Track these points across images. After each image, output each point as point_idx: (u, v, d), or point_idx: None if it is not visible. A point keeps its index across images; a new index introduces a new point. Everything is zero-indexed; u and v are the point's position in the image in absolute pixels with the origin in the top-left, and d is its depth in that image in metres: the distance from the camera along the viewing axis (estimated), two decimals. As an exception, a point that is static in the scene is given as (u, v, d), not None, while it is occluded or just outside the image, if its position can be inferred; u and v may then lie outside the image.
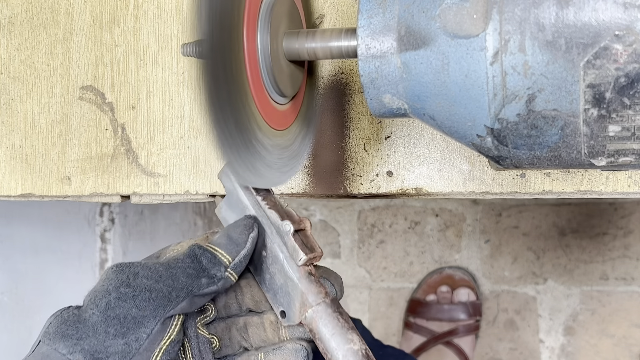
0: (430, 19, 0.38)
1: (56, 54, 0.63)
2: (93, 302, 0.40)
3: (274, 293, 0.45)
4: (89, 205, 1.24)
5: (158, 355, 0.40)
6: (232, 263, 0.42)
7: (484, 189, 0.54)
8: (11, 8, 0.64)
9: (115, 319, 0.39)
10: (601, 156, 0.39)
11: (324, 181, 0.57)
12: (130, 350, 0.39)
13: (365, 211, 1.39)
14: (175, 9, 0.60)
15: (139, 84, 0.61)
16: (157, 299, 0.40)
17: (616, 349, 1.29)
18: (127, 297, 0.40)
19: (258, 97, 0.42)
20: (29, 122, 0.63)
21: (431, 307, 1.29)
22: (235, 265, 0.43)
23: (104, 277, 0.41)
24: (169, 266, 0.41)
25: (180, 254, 0.43)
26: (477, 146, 0.41)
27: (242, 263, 0.43)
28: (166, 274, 0.41)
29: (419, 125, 0.55)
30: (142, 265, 0.41)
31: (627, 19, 0.34)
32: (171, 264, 0.42)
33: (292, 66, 0.46)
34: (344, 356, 0.42)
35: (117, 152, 0.61)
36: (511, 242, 1.34)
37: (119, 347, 0.39)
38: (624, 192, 0.52)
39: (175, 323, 0.41)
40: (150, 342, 0.40)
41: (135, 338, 0.39)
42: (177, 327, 0.41)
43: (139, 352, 0.39)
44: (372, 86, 0.41)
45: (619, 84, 0.35)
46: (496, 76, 0.37)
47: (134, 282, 0.40)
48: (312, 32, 0.44)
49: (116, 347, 0.39)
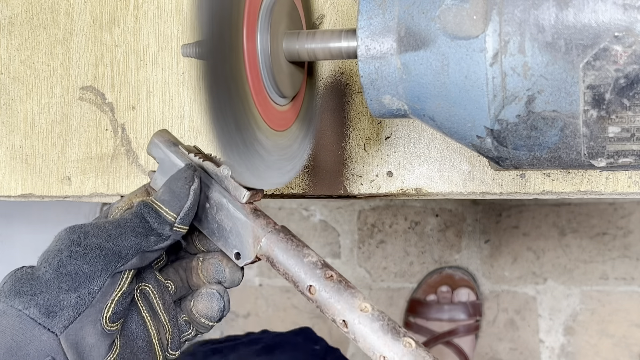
0: (430, 20, 0.38)
1: (56, 54, 0.63)
2: (46, 261, 0.42)
3: (224, 239, 0.46)
4: (89, 205, 1.24)
5: (110, 306, 0.42)
6: (178, 218, 0.44)
7: (484, 189, 0.54)
8: (11, 8, 0.64)
9: (67, 275, 0.41)
10: (601, 157, 0.39)
11: (324, 181, 0.57)
12: (83, 303, 0.41)
13: (365, 211, 1.39)
14: (175, 9, 0.60)
15: (139, 84, 0.61)
16: (107, 256, 0.42)
17: (616, 349, 1.29)
18: (78, 255, 0.42)
19: (258, 97, 0.42)
20: (29, 122, 0.63)
21: (431, 307, 1.29)
22: (181, 219, 0.45)
23: (57, 237, 0.43)
24: (118, 225, 0.44)
25: (128, 214, 0.45)
26: (477, 147, 0.41)
27: (188, 215, 0.45)
28: (115, 233, 0.43)
29: (418, 126, 0.55)
30: (92, 225, 0.44)
31: (626, 20, 0.34)
32: (120, 223, 0.44)
33: (292, 67, 0.46)
34: (305, 271, 0.44)
35: (117, 152, 0.61)
36: (511, 242, 1.34)
37: (72, 300, 0.41)
38: (624, 192, 0.52)
39: (125, 276, 0.43)
40: (102, 295, 0.42)
41: (88, 291, 0.41)
42: (127, 280, 0.43)
43: (92, 304, 0.41)
44: (372, 87, 0.42)
45: (619, 85, 0.35)
46: (496, 77, 0.37)
47: (85, 241, 0.42)
48: (312, 33, 0.44)
49: (69, 301, 0.41)
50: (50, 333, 0.40)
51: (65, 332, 0.40)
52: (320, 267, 0.44)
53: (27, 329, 0.40)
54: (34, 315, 0.40)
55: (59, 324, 0.40)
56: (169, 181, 0.46)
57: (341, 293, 0.43)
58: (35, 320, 0.40)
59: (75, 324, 0.41)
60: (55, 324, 0.40)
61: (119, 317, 0.43)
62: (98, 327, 0.42)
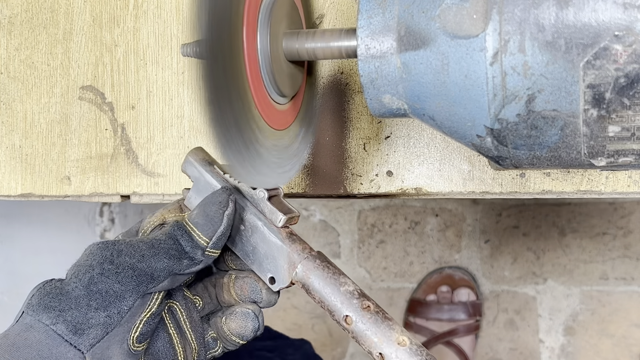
0: (430, 19, 0.38)
1: (56, 54, 0.63)
2: (76, 276, 0.42)
3: (259, 263, 0.46)
4: (89, 205, 1.24)
5: (138, 327, 0.42)
6: (211, 243, 0.44)
7: (484, 189, 0.54)
8: (11, 8, 0.64)
9: (97, 293, 0.41)
10: (601, 156, 0.39)
11: (324, 181, 0.57)
12: (111, 323, 0.41)
13: (365, 211, 1.39)
14: (175, 9, 0.60)
15: (139, 83, 0.61)
16: (140, 276, 0.42)
17: (616, 349, 1.29)
18: (110, 273, 0.42)
19: (258, 97, 0.42)
20: (29, 122, 0.63)
21: (431, 307, 1.29)
22: (214, 244, 0.44)
23: (88, 252, 0.43)
24: (152, 246, 0.43)
25: (162, 234, 0.44)
26: (477, 146, 0.41)
27: (220, 240, 0.44)
28: (149, 254, 0.43)
29: (418, 125, 0.55)
30: (126, 244, 0.43)
31: (626, 19, 0.34)
32: (154, 244, 0.43)
33: (292, 66, 0.46)
34: (342, 300, 0.43)
35: (117, 152, 0.61)
36: (511, 242, 1.34)
37: (100, 319, 0.41)
38: (624, 192, 0.52)
39: (155, 297, 0.43)
40: (131, 315, 0.42)
41: (117, 311, 0.41)
42: (157, 301, 0.43)
43: (120, 324, 0.41)
44: (371, 86, 0.41)
45: (619, 84, 0.35)
46: (496, 76, 0.37)
47: (117, 259, 0.42)
48: (312, 32, 0.44)
49: (98, 319, 0.41)
50: (76, 351, 0.40)
51: (92, 351, 0.40)
52: (357, 297, 0.43)
53: (54, 345, 0.40)
54: (61, 331, 0.40)
55: (86, 342, 0.40)
56: (203, 203, 0.45)
57: (378, 325, 0.42)
58: (62, 337, 0.40)
59: (102, 343, 0.41)
60: (82, 342, 0.40)
61: (146, 338, 0.43)
62: (124, 347, 0.41)
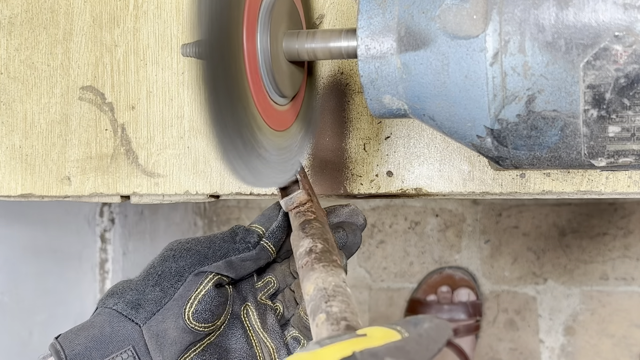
0: (430, 19, 0.38)
1: (56, 54, 0.63)
2: (142, 269, 0.46)
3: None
4: (89, 205, 1.24)
5: (193, 303, 0.44)
6: (267, 232, 0.47)
7: (484, 189, 0.54)
8: (11, 8, 0.64)
9: (155, 274, 0.45)
10: (601, 157, 0.39)
11: (324, 181, 0.57)
12: (164, 296, 0.44)
13: (365, 211, 1.39)
14: (175, 9, 0.60)
15: (139, 84, 0.61)
16: (194, 256, 0.45)
17: (616, 349, 1.29)
18: (168, 258, 0.46)
19: (258, 97, 0.42)
20: (29, 122, 0.63)
21: (431, 307, 1.29)
22: (270, 235, 0.47)
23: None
24: (209, 237, 0.47)
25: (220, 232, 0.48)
26: (477, 147, 0.41)
27: (276, 233, 0.47)
28: (205, 240, 0.47)
29: (418, 126, 0.55)
30: (188, 238, 0.48)
31: (627, 19, 0.34)
32: (211, 236, 0.47)
33: (292, 66, 0.46)
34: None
35: (117, 152, 0.61)
36: (511, 242, 1.34)
37: (155, 293, 0.44)
38: (624, 192, 0.52)
39: (209, 277, 0.45)
40: (185, 290, 0.44)
41: (170, 285, 0.44)
42: (211, 281, 0.45)
43: (174, 298, 0.44)
44: (372, 87, 0.41)
45: (619, 84, 0.35)
46: (496, 77, 0.37)
47: (177, 247, 0.46)
48: (312, 33, 0.44)
49: (153, 295, 0.44)
50: (133, 324, 0.43)
51: (148, 323, 0.43)
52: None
53: (114, 321, 0.43)
54: (121, 309, 0.43)
55: (142, 316, 0.43)
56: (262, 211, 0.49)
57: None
58: (121, 314, 0.43)
59: (157, 316, 0.43)
60: (138, 316, 0.43)
61: (206, 319, 0.44)
62: (180, 322, 0.43)
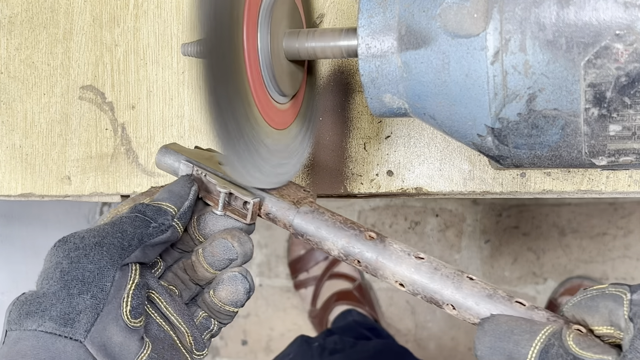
0: (430, 18, 0.38)
1: (56, 54, 0.63)
2: (46, 278, 0.40)
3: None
4: (89, 205, 1.24)
5: (128, 300, 0.40)
6: (178, 213, 0.44)
7: (484, 189, 0.54)
8: (11, 8, 0.64)
9: (74, 280, 0.39)
10: (602, 155, 0.39)
11: (324, 181, 0.57)
12: (98, 302, 0.39)
13: (365, 211, 1.39)
14: (175, 8, 0.60)
15: (139, 83, 0.61)
16: (110, 250, 0.40)
17: (616, 349, 1.29)
18: (79, 258, 0.40)
19: (258, 96, 0.42)
20: (29, 121, 0.63)
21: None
22: (181, 215, 0.44)
23: (49, 255, 0.41)
24: (113, 223, 0.42)
25: (124, 213, 0.43)
26: (478, 145, 0.41)
27: (186, 213, 0.44)
28: (112, 230, 0.41)
29: (419, 125, 0.55)
30: (85, 230, 0.41)
31: (627, 18, 0.34)
32: (116, 222, 0.42)
33: (292, 65, 0.46)
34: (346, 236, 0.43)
35: (117, 151, 0.61)
36: (511, 242, 1.34)
37: (86, 302, 0.39)
38: (624, 191, 0.52)
39: (134, 268, 0.41)
40: (116, 290, 0.40)
41: (100, 289, 0.39)
42: (136, 272, 0.41)
43: (108, 301, 0.39)
44: (372, 86, 0.41)
45: (620, 83, 0.35)
46: (497, 76, 0.37)
47: (81, 244, 0.40)
48: (312, 32, 0.44)
49: (84, 303, 0.38)
50: (73, 342, 0.37)
51: (89, 336, 0.38)
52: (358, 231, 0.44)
53: (48, 344, 0.37)
54: (51, 329, 0.37)
55: (80, 329, 0.38)
56: (167, 186, 0.45)
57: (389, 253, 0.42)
58: (54, 334, 0.37)
59: (96, 326, 0.38)
60: (76, 331, 0.38)
61: (140, 313, 0.40)
62: (121, 323, 0.39)
